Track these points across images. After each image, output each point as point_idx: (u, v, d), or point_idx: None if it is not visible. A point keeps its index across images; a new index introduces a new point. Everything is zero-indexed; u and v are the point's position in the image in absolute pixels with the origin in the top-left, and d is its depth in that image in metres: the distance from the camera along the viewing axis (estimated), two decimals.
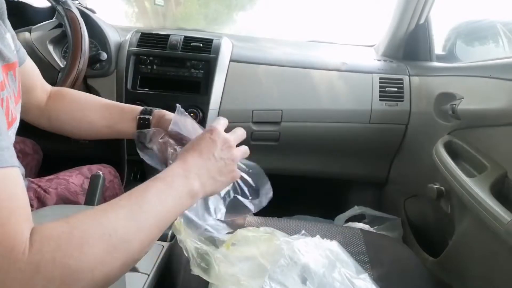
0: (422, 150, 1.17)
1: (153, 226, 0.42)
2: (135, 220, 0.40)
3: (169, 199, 0.45)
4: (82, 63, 1.01)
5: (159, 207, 0.43)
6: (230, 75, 1.21)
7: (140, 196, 0.43)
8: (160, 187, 0.45)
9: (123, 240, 0.38)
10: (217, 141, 0.55)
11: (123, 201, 0.41)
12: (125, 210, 0.40)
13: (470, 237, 0.89)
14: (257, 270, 0.53)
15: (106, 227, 0.37)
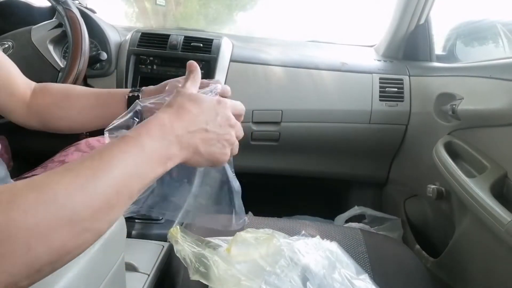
0: (422, 150, 1.17)
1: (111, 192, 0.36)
2: (84, 184, 0.34)
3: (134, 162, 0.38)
4: (82, 63, 1.00)
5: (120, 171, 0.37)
6: (230, 75, 1.21)
7: (98, 158, 0.37)
8: (124, 148, 0.39)
9: (66, 206, 0.33)
10: (219, 114, 0.47)
11: (74, 164, 0.36)
12: (73, 173, 0.35)
13: (470, 237, 0.89)
14: (257, 271, 0.53)
15: (43, 190, 0.32)
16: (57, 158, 0.87)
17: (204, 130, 0.46)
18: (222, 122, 0.47)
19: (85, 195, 0.34)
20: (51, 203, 0.32)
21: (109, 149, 0.38)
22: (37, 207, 0.31)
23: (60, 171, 0.35)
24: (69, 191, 0.33)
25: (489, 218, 0.71)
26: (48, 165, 0.83)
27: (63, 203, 0.33)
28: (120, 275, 0.56)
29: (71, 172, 0.35)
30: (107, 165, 0.37)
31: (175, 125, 0.43)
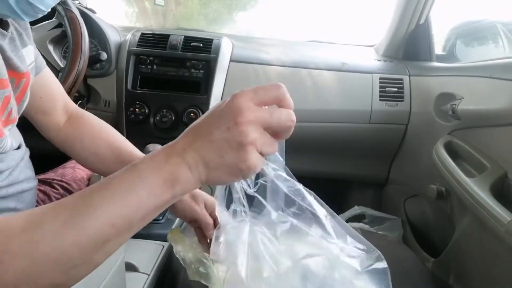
0: (422, 150, 1.17)
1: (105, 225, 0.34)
2: (75, 222, 0.33)
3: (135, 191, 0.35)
4: (82, 63, 1.00)
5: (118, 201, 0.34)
6: (230, 75, 1.21)
7: (96, 190, 0.35)
8: (125, 178, 0.36)
9: (54, 248, 0.32)
10: (224, 115, 0.37)
11: (74, 197, 0.35)
12: (67, 211, 0.33)
13: (470, 237, 0.89)
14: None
15: (33, 232, 0.32)
16: (68, 164, 0.88)
17: (208, 141, 0.37)
18: (228, 122, 0.37)
19: (73, 233, 0.33)
20: (40, 244, 0.32)
21: (109, 179, 0.36)
22: (27, 249, 0.31)
23: (56, 207, 0.34)
24: (57, 231, 0.32)
25: (489, 218, 0.71)
26: (59, 171, 0.84)
27: (51, 243, 0.32)
28: (120, 275, 0.56)
29: (66, 208, 0.34)
30: (103, 197, 0.35)
31: (177, 145, 0.38)
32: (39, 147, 1.04)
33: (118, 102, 1.18)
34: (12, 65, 0.51)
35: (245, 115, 0.36)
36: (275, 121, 0.38)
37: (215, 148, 0.37)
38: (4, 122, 0.50)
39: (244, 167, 0.37)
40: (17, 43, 0.53)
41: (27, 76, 0.55)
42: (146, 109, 1.16)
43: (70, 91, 0.99)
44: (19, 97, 0.55)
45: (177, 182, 0.36)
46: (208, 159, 0.37)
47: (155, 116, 1.16)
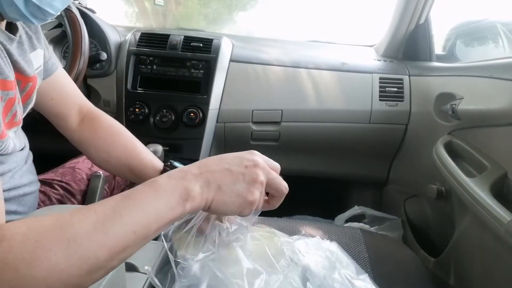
0: (422, 150, 1.17)
1: (128, 232, 0.37)
2: (104, 225, 0.36)
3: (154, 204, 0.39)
4: (82, 63, 1.01)
5: (139, 213, 0.38)
6: (230, 75, 1.22)
7: (121, 199, 0.39)
8: (146, 190, 0.40)
9: (85, 248, 0.34)
10: (245, 158, 0.46)
11: (97, 205, 0.38)
12: (95, 215, 0.36)
13: (470, 237, 0.89)
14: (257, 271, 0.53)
15: (66, 231, 0.34)
16: (68, 164, 0.88)
17: (227, 170, 0.44)
18: (249, 163, 0.45)
19: (104, 235, 0.36)
20: (72, 243, 0.34)
21: (133, 190, 0.40)
22: (60, 246, 0.33)
23: (83, 211, 0.37)
24: (89, 232, 0.35)
25: (489, 218, 0.71)
26: (59, 170, 0.84)
27: (82, 243, 0.34)
28: (120, 275, 0.56)
29: (94, 213, 0.37)
30: (128, 206, 0.38)
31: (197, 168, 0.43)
32: (38, 147, 1.04)
33: (118, 102, 1.18)
34: (19, 69, 0.51)
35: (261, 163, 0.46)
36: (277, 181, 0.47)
37: (231, 176, 0.44)
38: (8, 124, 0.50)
39: (250, 198, 0.44)
40: (25, 47, 0.54)
41: (34, 80, 0.56)
42: (146, 109, 1.16)
43: None
44: (24, 99, 0.56)
45: (189, 198, 0.41)
46: (222, 183, 0.43)
47: (155, 116, 1.16)
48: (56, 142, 0.89)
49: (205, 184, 0.42)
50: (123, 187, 0.96)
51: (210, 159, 0.46)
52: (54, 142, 1.01)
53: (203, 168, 0.43)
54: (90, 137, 0.71)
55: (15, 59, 0.50)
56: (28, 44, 0.56)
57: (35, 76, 0.56)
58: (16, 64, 0.51)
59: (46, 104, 0.67)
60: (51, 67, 0.66)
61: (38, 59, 0.59)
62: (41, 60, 0.60)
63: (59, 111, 0.69)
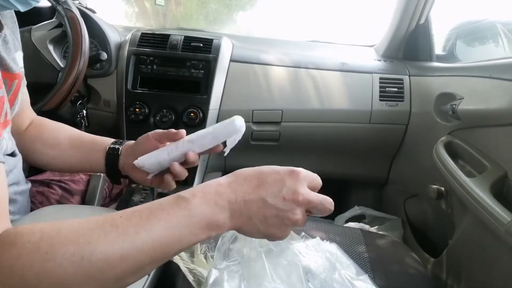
0: (422, 150, 1.17)
1: (145, 256, 0.35)
2: (122, 248, 0.34)
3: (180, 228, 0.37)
4: (82, 63, 1.00)
5: (162, 235, 0.36)
6: (230, 75, 1.21)
7: (145, 217, 0.36)
8: (175, 212, 0.37)
9: (98, 268, 0.33)
10: (286, 185, 0.41)
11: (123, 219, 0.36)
12: (116, 232, 0.34)
13: (470, 237, 0.89)
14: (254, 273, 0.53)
15: (82, 248, 0.33)
16: None
17: (263, 200, 0.40)
18: (288, 196, 0.40)
19: (120, 257, 0.34)
20: (85, 261, 0.33)
21: (161, 208, 0.38)
22: (72, 262, 0.32)
23: (106, 226, 0.35)
24: (105, 252, 0.33)
25: (489, 218, 0.71)
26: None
27: (96, 263, 0.33)
28: None
29: (116, 230, 0.35)
30: (151, 227, 0.36)
31: (233, 191, 0.40)
32: None
33: (118, 102, 1.18)
34: (5, 66, 0.50)
35: (302, 195, 0.41)
36: (320, 207, 0.43)
37: (265, 210, 0.40)
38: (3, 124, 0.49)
39: (278, 236, 0.42)
40: (10, 45, 0.54)
41: (19, 78, 0.55)
42: (146, 109, 1.16)
43: (70, 91, 0.99)
44: (12, 99, 0.55)
45: (217, 227, 0.39)
46: (253, 216, 0.40)
47: (155, 116, 1.16)
48: None
49: (236, 214, 0.40)
50: (122, 187, 0.96)
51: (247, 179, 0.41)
52: None
53: (239, 196, 0.40)
54: (37, 134, 0.69)
55: (1, 56, 0.50)
56: (12, 43, 0.55)
57: (20, 74, 0.55)
58: (2, 61, 0.50)
59: None
60: None
61: (20, 60, 0.59)
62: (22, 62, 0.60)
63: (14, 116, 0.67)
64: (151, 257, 0.36)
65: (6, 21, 0.56)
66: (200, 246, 0.70)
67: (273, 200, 0.40)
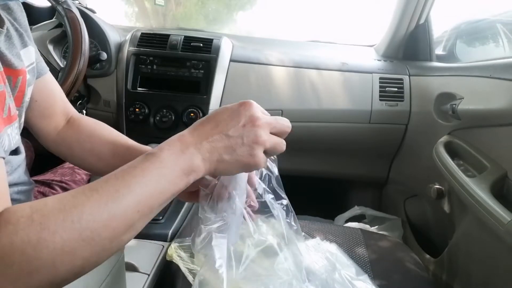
0: (422, 150, 1.17)
1: (132, 211, 0.37)
2: (107, 205, 0.36)
3: (157, 180, 0.39)
4: (82, 63, 1.00)
5: (143, 189, 0.38)
6: (230, 75, 1.21)
7: (121, 177, 0.38)
8: (147, 166, 0.39)
9: (90, 228, 0.34)
10: (241, 115, 0.44)
11: (99, 183, 0.37)
12: (97, 194, 0.36)
13: (470, 237, 0.89)
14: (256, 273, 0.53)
15: (70, 212, 0.34)
16: (67, 164, 0.88)
17: (225, 135, 0.43)
18: (246, 122, 0.43)
19: (108, 216, 0.35)
20: (76, 224, 0.34)
21: (132, 167, 0.39)
22: (64, 228, 0.33)
23: (86, 191, 0.36)
24: (92, 213, 0.35)
25: (489, 218, 0.71)
26: (59, 171, 0.84)
27: (86, 224, 0.34)
28: (120, 275, 0.56)
29: (96, 193, 0.36)
30: (129, 184, 0.37)
31: (195, 137, 0.42)
32: (36, 147, 1.04)
33: (118, 102, 1.18)
34: (6, 62, 0.50)
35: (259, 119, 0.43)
36: (279, 126, 0.46)
37: (230, 142, 0.42)
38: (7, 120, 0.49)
39: (252, 162, 0.43)
40: (13, 41, 0.53)
41: (23, 74, 0.55)
42: (146, 109, 1.16)
43: (70, 91, 0.99)
44: (19, 96, 0.55)
45: (191, 172, 0.41)
46: (222, 152, 0.42)
47: (155, 116, 1.16)
48: None
49: (206, 156, 0.42)
50: None
51: (205, 124, 0.44)
52: None
53: (202, 137, 0.42)
54: (74, 136, 0.67)
55: (2, 52, 0.49)
56: (18, 40, 0.55)
57: (23, 70, 0.54)
58: (3, 57, 0.49)
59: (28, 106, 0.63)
60: (41, 70, 0.65)
61: (30, 56, 0.58)
62: (33, 57, 0.59)
63: (45, 113, 0.67)
64: (139, 212, 0.37)
65: (16, 15, 0.56)
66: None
67: (235, 132, 0.43)
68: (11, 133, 0.50)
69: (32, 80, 0.59)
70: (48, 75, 0.68)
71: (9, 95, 0.48)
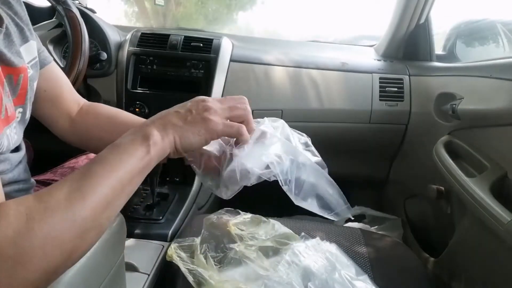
0: (422, 150, 1.17)
1: (105, 191, 0.39)
2: (79, 189, 0.38)
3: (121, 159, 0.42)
4: (82, 63, 1.00)
5: (110, 170, 0.40)
6: (230, 75, 1.21)
7: (86, 166, 0.41)
8: (110, 151, 0.43)
9: (68, 212, 0.36)
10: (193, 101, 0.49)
11: (68, 176, 0.40)
12: (69, 182, 0.39)
13: (470, 237, 0.89)
14: (256, 274, 0.53)
15: (48, 202, 0.36)
16: (67, 164, 0.87)
17: (174, 111, 0.48)
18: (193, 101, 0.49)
19: (82, 198, 0.38)
20: (56, 210, 0.36)
21: (99, 155, 0.43)
22: (47, 214, 0.35)
23: (58, 184, 0.39)
24: (67, 198, 0.37)
25: (489, 218, 0.71)
26: (58, 171, 0.84)
27: (65, 209, 0.36)
28: (120, 275, 0.56)
29: (66, 181, 0.39)
30: (97, 167, 0.40)
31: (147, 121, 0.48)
32: (37, 147, 1.04)
33: (118, 102, 1.18)
34: (6, 61, 0.50)
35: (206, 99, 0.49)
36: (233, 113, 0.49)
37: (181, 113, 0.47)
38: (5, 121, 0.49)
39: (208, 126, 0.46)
40: (12, 38, 0.53)
41: (24, 71, 0.54)
42: (146, 109, 1.16)
43: None
44: (22, 94, 0.54)
45: (150, 143, 0.44)
46: (175, 122, 0.46)
47: None
48: (56, 142, 0.89)
49: (160, 128, 0.46)
50: None
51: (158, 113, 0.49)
52: (53, 141, 1.01)
53: (154, 118, 0.48)
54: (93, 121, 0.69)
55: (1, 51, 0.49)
56: (18, 36, 0.54)
57: (24, 67, 0.54)
58: (2, 56, 0.49)
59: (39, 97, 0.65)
60: (44, 59, 0.65)
61: (31, 51, 0.58)
62: (35, 52, 0.59)
63: (55, 101, 0.67)
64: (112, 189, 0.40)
65: (16, 9, 0.55)
66: (200, 246, 0.70)
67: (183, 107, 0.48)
68: (10, 133, 0.50)
69: (35, 75, 0.59)
70: (53, 64, 0.68)
71: (6, 95, 0.48)
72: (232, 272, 0.61)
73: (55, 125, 0.69)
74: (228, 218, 0.77)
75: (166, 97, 1.17)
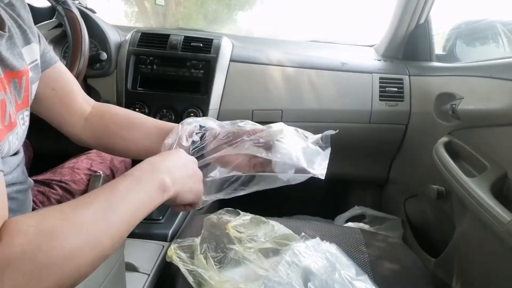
0: (422, 150, 1.17)
1: (123, 222, 0.42)
2: (104, 216, 0.40)
3: (138, 195, 0.44)
4: (82, 63, 1.00)
5: (129, 203, 0.43)
6: (230, 75, 1.21)
7: (110, 192, 0.42)
8: (129, 183, 0.45)
9: (93, 236, 0.38)
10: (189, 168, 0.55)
11: (91, 198, 0.41)
12: (94, 207, 0.40)
13: (470, 237, 0.89)
14: (256, 274, 0.53)
15: (73, 222, 0.37)
16: (67, 164, 0.88)
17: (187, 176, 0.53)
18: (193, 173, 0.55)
19: (106, 225, 0.40)
20: (82, 232, 0.37)
21: (116, 183, 0.44)
22: (72, 235, 0.36)
23: (81, 203, 0.40)
24: (94, 222, 0.39)
25: (489, 218, 0.71)
26: (58, 170, 0.84)
27: (90, 232, 0.38)
28: (120, 275, 0.56)
29: (92, 204, 0.40)
30: (118, 198, 0.42)
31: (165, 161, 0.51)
32: (37, 147, 1.04)
33: (118, 102, 1.18)
34: (9, 66, 0.50)
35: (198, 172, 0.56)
36: None
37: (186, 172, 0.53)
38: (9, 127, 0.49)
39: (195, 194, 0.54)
40: (15, 40, 0.52)
41: (26, 74, 0.54)
42: (146, 109, 1.16)
43: None
44: (26, 96, 0.54)
45: (166, 191, 0.48)
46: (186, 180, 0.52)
47: (155, 116, 1.16)
48: (56, 142, 0.89)
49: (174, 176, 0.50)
50: None
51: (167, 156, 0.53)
52: (53, 141, 1.01)
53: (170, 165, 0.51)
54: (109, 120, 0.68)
55: (3, 56, 0.48)
56: (21, 37, 0.54)
57: (26, 70, 0.54)
58: (4, 61, 0.49)
59: (47, 96, 0.64)
60: (50, 59, 0.65)
61: (33, 53, 0.57)
62: (37, 54, 0.58)
63: (65, 100, 0.67)
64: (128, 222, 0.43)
65: (20, 11, 0.55)
66: (200, 246, 0.70)
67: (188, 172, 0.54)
68: (12, 139, 0.50)
69: (35, 78, 0.59)
70: (59, 63, 0.68)
71: (9, 101, 0.48)
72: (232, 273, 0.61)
73: (66, 125, 0.68)
74: (228, 219, 0.77)
75: (166, 97, 1.17)
